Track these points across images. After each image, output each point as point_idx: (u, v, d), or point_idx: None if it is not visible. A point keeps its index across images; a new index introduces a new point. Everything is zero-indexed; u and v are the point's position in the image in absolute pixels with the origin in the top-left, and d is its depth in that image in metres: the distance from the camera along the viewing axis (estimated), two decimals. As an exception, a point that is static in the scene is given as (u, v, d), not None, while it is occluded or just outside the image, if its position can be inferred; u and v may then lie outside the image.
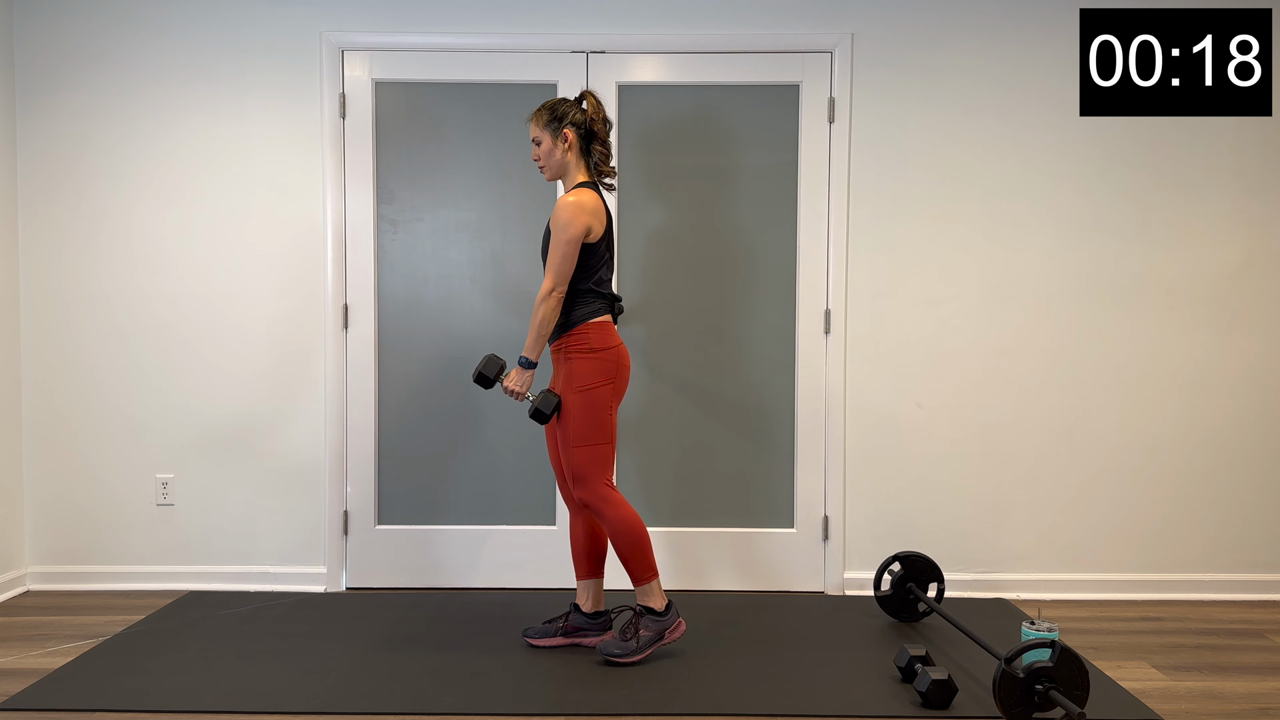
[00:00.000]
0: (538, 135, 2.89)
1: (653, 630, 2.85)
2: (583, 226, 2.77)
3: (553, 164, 2.89)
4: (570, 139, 2.86)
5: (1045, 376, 3.56)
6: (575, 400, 2.81)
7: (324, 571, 3.60)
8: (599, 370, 2.82)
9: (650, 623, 2.85)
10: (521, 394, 2.85)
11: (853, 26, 3.51)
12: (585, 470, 2.82)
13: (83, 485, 3.60)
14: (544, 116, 2.87)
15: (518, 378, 2.85)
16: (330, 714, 2.50)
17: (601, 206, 2.84)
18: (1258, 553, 3.59)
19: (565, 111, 2.87)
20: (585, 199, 2.80)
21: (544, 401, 2.85)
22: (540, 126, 2.88)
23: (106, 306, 3.56)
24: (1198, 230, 3.54)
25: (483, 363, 2.87)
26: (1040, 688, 2.33)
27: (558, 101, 2.90)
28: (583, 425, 2.81)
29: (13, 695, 2.59)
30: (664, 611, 2.86)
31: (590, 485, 2.82)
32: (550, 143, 2.87)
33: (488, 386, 2.89)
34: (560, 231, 2.76)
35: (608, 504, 2.82)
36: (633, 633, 2.84)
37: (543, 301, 2.78)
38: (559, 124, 2.86)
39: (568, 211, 2.76)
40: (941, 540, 3.57)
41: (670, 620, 2.86)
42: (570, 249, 2.76)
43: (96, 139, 3.54)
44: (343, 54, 3.52)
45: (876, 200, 3.54)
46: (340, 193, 3.54)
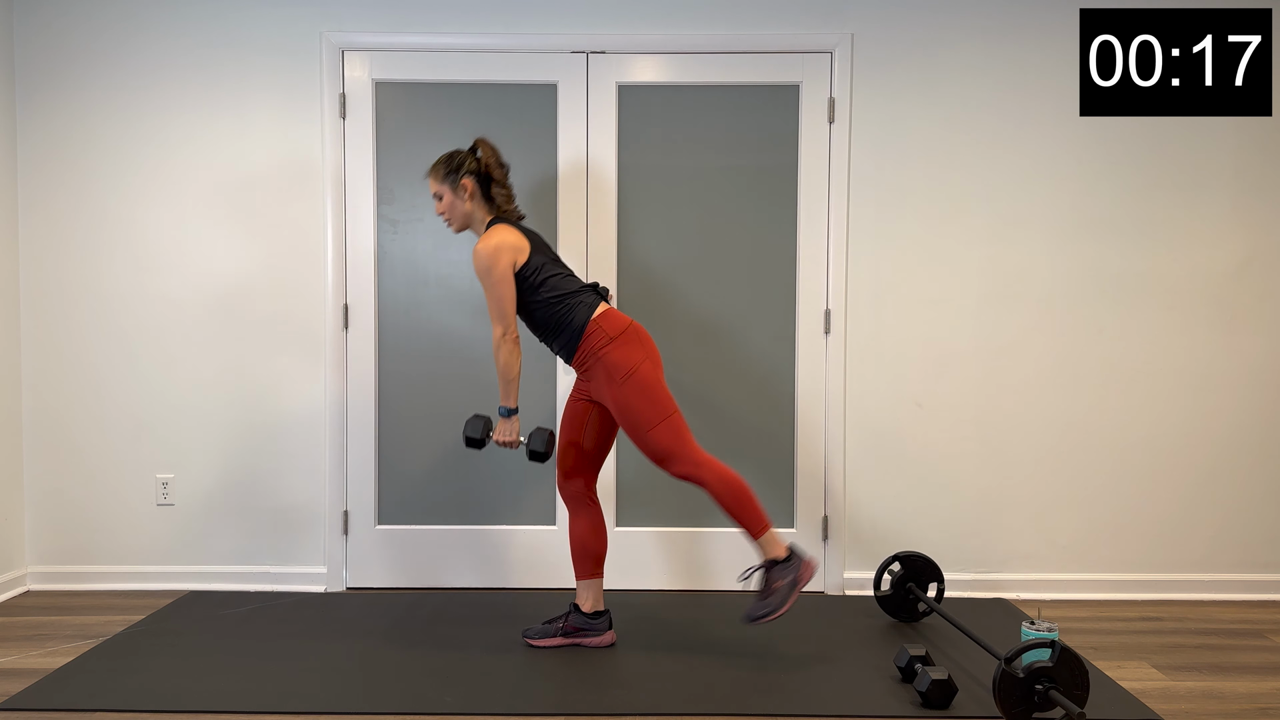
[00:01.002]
0: (438, 190, 2.93)
1: (786, 578, 2.77)
2: (505, 264, 2.79)
3: (457, 215, 2.93)
4: (470, 188, 2.90)
5: (1045, 376, 3.56)
6: (626, 391, 2.79)
7: (324, 571, 3.60)
8: (630, 351, 2.81)
9: (780, 572, 2.78)
10: (514, 442, 2.88)
11: (853, 26, 3.51)
12: (670, 446, 2.78)
13: (83, 485, 3.60)
14: (441, 170, 2.91)
15: (505, 428, 2.88)
16: (330, 714, 2.50)
17: (513, 234, 2.84)
18: (1258, 553, 3.59)
19: (461, 162, 2.90)
20: (494, 236, 2.82)
21: (537, 440, 2.87)
22: (439, 181, 2.92)
23: (107, 306, 3.56)
24: (1198, 230, 3.54)
25: (467, 425, 2.90)
26: (1040, 688, 2.32)
27: (452, 154, 2.93)
28: (645, 408, 2.78)
29: (13, 695, 2.59)
30: (788, 558, 2.79)
31: (680, 457, 2.78)
32: (451, 195, 2.91)
33: (480, 447, 2.91)
34: (485, 277, 2.79)
35: (704, 468, 2.78)
36: (769, 589, 2.77)
37: (498, 349, 2.81)
38: (456, 175, 2.89)
39: (485, 258, 2.78)
40: (941, 540, 3.57)
41: (797, 564, 2.78)
42: (502, 289, 2.78)
43: (97, 139, 3.54)
44: (343, 54, 3.52)
45: (876, 200, 3.54)
46: (340, 193, 3.54)
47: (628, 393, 2.79)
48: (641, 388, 2.79)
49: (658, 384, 2.82)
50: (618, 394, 2.80)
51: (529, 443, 2.89)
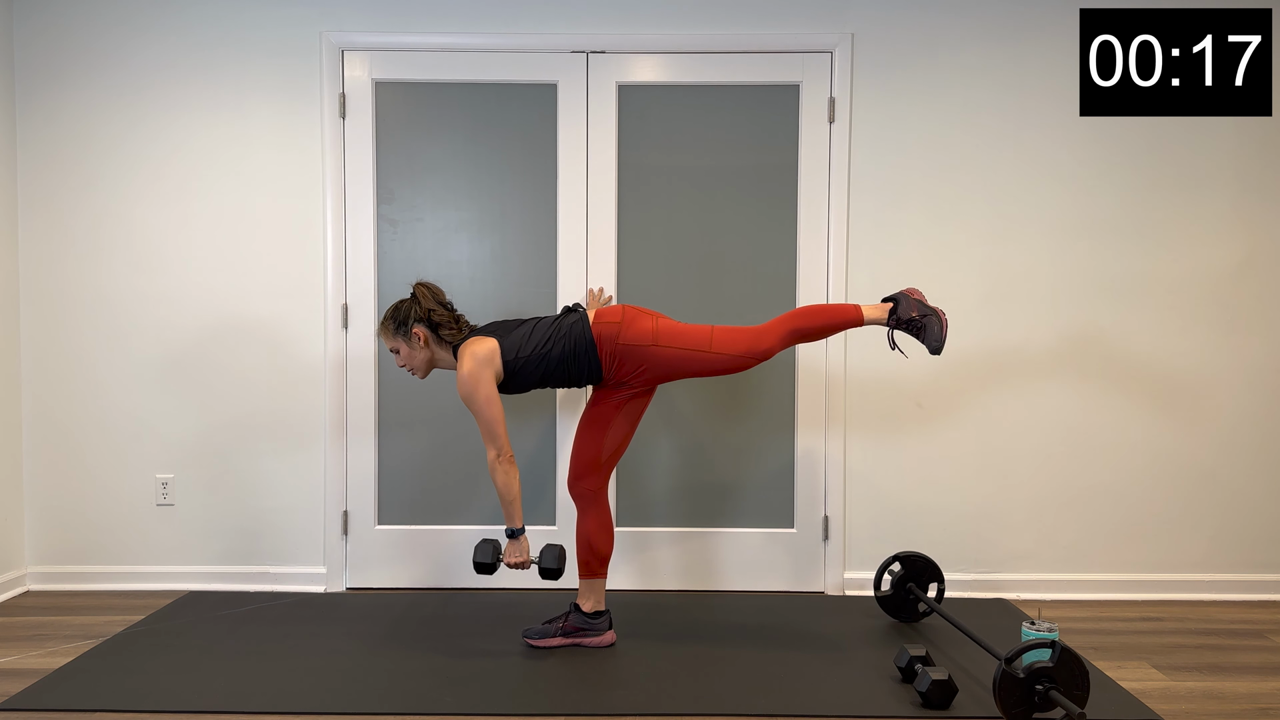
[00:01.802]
0: (393, 345, 2.97)
1: (911, 309, 2.86)
2: (487, 381, 2.82)
3: (418, 363, 2.97)
4: (422, 336, 2.93)
5: (1045, 376, 3.56)
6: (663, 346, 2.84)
7: (324, 571, 3.60)
8: (639, 322, 2.87)
9: (904, 310, 2.87)
10: (526, 563, 2.89)
11: (853, 26, 3.51)
12: (739, 345, 2.84)
13: (83, 485, 3.60)
14: (389, 326, 2.96)
15: (514, 550, 2.89)
16: (330, 714, 2.50)
17: (479, 344, 2.86)
18: (1258, 553, 3.59)
19: (407, 313, 2.94)
20: (467, 360, 2.83)
21: (549, 558, 2.88)
22: (391, 337, 2.97)
23: (107, 306, 3.56)
24: (1198, 230, 3.54)
25: (476, 551, 2.89)
26: (1040, 688, 2.33)
27: (396, 306, 2.97)
28: (690, 342, 2.84)
29: (13, 695, 2.59)
30: (896, 304, 2.88)
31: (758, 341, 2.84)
32: (406, 347, 2.95)
33: (491, 572, 2.91)
34: (472, 401, 2.82)
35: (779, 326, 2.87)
36: (918, 325, 2.86)
37: (494, 470, 2.84)
38: (406, 327, 2.93)
39: (467, 384, 2.81)
40: (941, 540, 3.57)
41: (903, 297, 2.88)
42: (490, 410, 2.81)
43: (97, 139, 3.54)
44: (343, 54, 3.52)
45: (876, 200, 3.54)
46: (340, 193, 3.54)
47: (666, 344, 2.84)
48: (673, 332, 2.86)
49: (682, 323, 2.91)
50: (661, 354, 2.84)
51: (541, 560, 2.89)
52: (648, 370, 2.87)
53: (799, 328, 2.89)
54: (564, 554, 2.91)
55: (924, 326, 2.85)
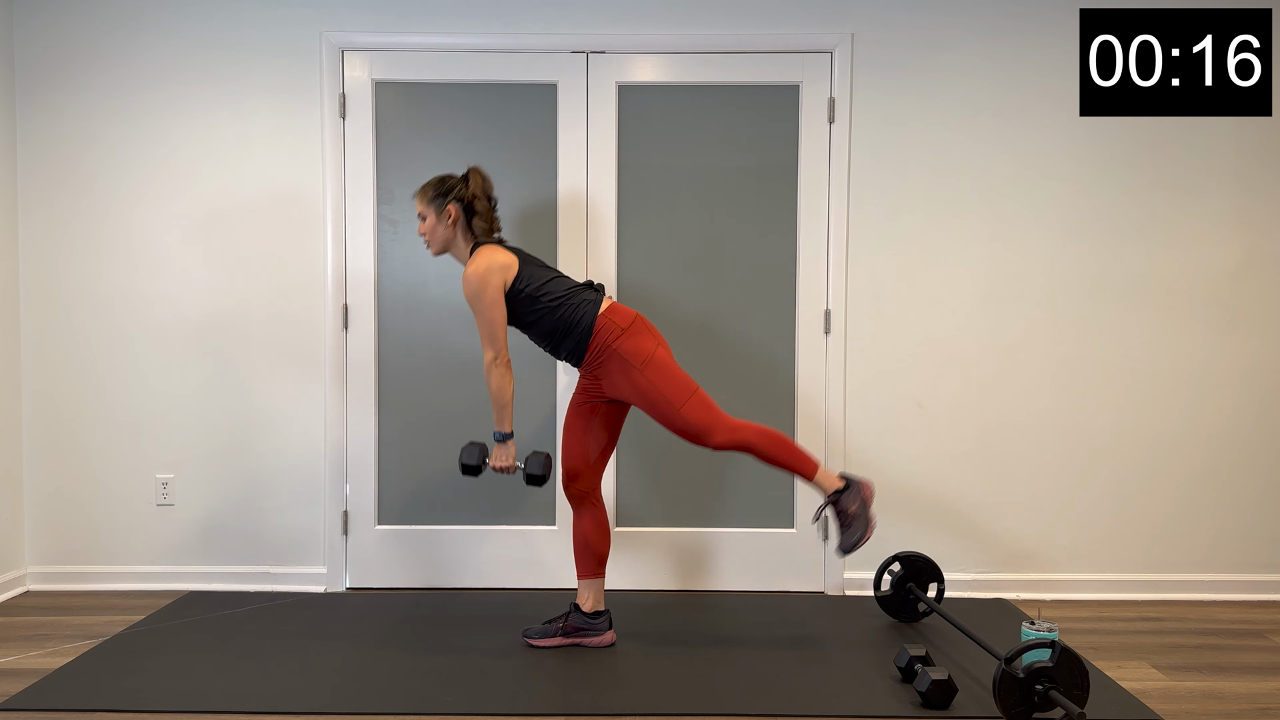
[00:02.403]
0: (423, 210, 2.94)
1: (855, 503, 2.81)
2: (495, 286, 2.80)
3: (437, 239, 2.94)
4: (454, 214, 2.91)
5: (1045, 376, 3.57)
6: (648, 375, 2.81)
7: (324, 571, 3.60)
8: (641, 340, 2.84)
9: (848, 499, 2.82)
10: (511, 467, 2.89)
11: (853, 26, 3.51)
12: (705, 419, 2.81)
13: (83, 485, 3.60)
14: (429, 192, 2.93)
15: (501, 454, 2.89)
16: (330, 714, 2.50)
17: (500, 252, 2.85)
18: (1258, 553, 3.59)
19: (451, 187, 2.92)
20: (481, 259, 2.83)
21: (533, 465, 2.88)
22: (425, 202, 2.93)
23: (107, 306, 3.56)
24: (1198, 230, 3.54)
25: (463, 453, 2.91)
26: (1040, 688, 2.33)
27: (443, 178, 2.94)
28: (671, 388, 2.81)
29: (13, 695, 2.59)
30: (847, 485, 2.84)
31: (718, 427, 2.81)
32: (434, 218, 2.92)
33: (477, 474, 2.91)
34: (476, 302, 2.80)
35: (743, 431, 2.82)
36: (847, 517, 2.81)
37: (489, 373, 2.82)
38: (444, 200, 2.91)
39: (474, 283, 2.80)
40: (941, 540, 3.57)
41: (857, 486, 2.83)
42: (493, 313, 2.80)
43: (97, 139, 3.54)
44: (343, 54, 3.52)
45: (876, 200, 3.54)
46: (340, 193, 3.54)
47: (650, 377, 2.81)
48: (663, 370, 2.82)
49: (674, 365, 2.86)
50: (640, 380, 2.81)
51: (526, 466, 2.90)
52: (619, 384, 2.86)
53: (755, 445, 2.81)
54: (550, 461, 2.90)
55: (850, 523, 2.80)
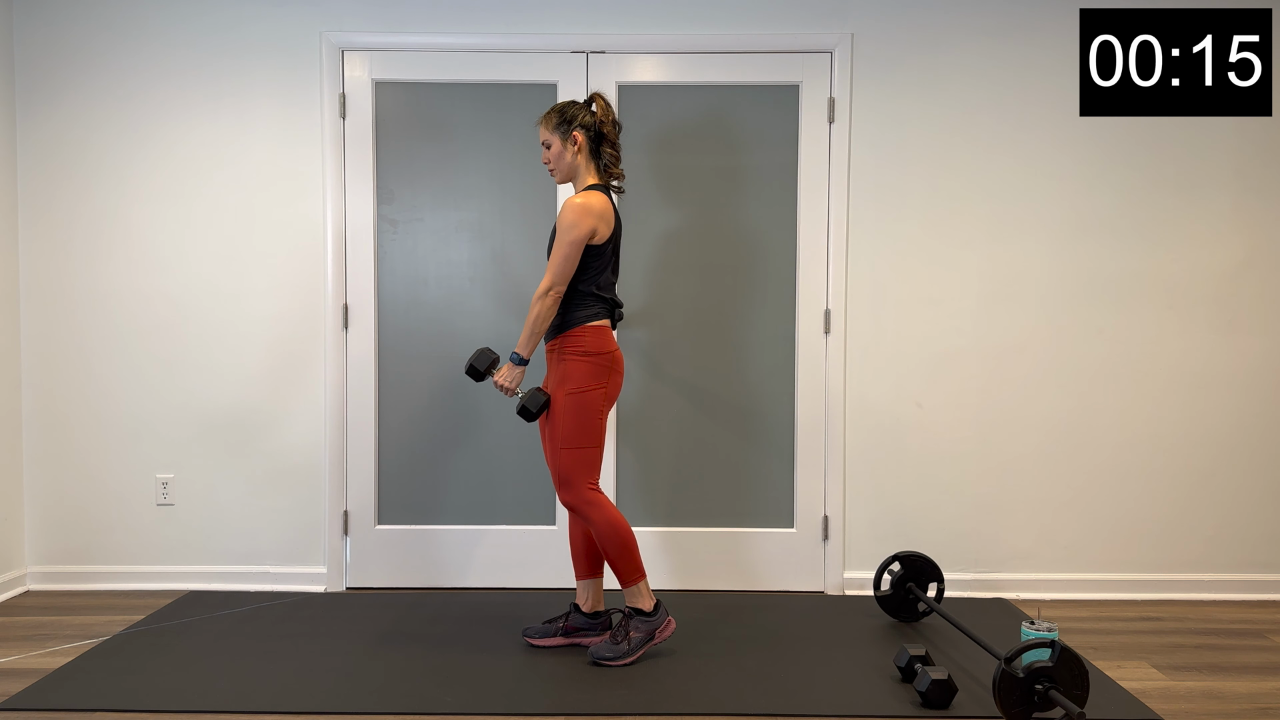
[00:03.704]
0: (547, 138, 2.88)
1: (643, 631, 2.85)
2: (588, 229, 2.77)
3: (563, 167, 2.89)
4: (580, 141, 2.86)
5: (1045, 376, 3.56)
6: (567, 402, 2.81)
7: (324, 571, 3.60)
8: (592, 374, 2.82)
9: (640, 624, 2.85)
10: (511, 390, 2.86)
11: (853, 26, 3.51)
12: (570, 473, 2.82)
13: (83, 485, 3.60)
14: (553, 119, 2.87)
15: (509, 373, 2.85)
16: (330, 714, 2.50)
17: (610, 209, 2.84)
18: (1258, 553, 3.59)
19: (575, 114, 2.86)
20: (593, 201, 2.79)
21: (531, 399, 2.85)
22: (550, 129, 2.87)
23: (107, 306, 3.56)
24: (1198, 230, 3.54)
25: (475, 355, 2.89)
26: (1040, 688, 2.33)
27: (567, 104, 2.89)
28: (572, 428, 2.80)
29: (13, 695, 2.59)
30: (653, 612, 2.86)
31: (575, 488, 2.82)
32: (560, 145, 2.87)
33: (478, 379, 2.90)
34: (565, 232, 2.76)
35: (593, 506, 2.82)
36: (623, 635, 2.84)
37: (540, 299, 2.77)
38: (569, 126, 2.85)
39: (574, 213, 2.75)
40: (941, 540, 3.57)
41: (660, 620, 2.86)
42: (573, 250, 2.76)
43: (97, 139, 3.54)
44: (343, 54, 3.52)
45: (876, 200, 3.54)
46: (340, 193, 3.54)
47: (568, 405, 2.80)
48: (580, 410, 2.81)
49: (597, 415, 2.83)
50: (561, 401, 2.81)
51: (523, 397, 2.86)
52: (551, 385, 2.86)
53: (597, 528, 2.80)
54: (547, 403, 2.85)
55: (620, 641, 2.82)
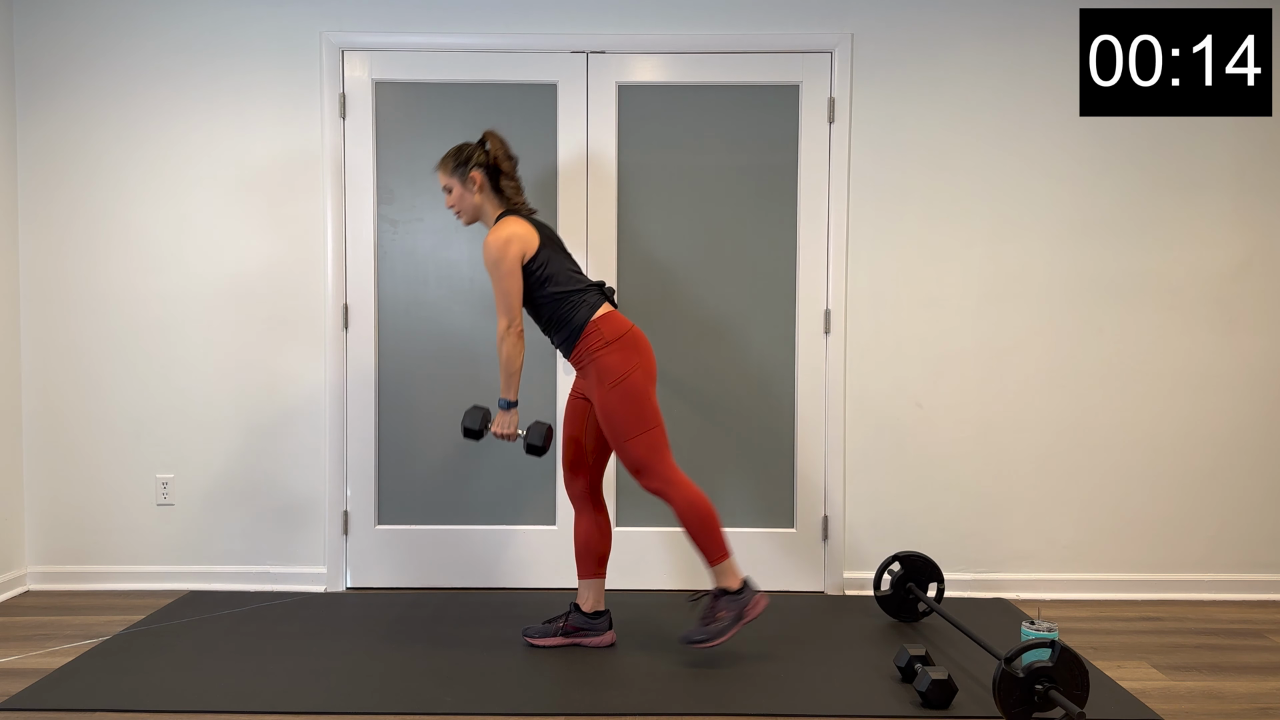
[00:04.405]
0: (447, 183, 2.93)
1: (732, 610, 2.80)
2: (514, 255, 2.79)
3: (466, 208, 2.93)
4: (479, 180, 2.89)
5: (1045, 376, 3.56)
6: (613, 396, 2.79)
7: (324, 571, 3.60)
8: (623, 358, 2.81)
9: (729, 603, 2.81)
10: (511, 435, 2.88)
11: (853, 26, 3.51)
12: (645, 459, 2.80)
13: (83, 485, 3.60)
14: (450, 163, 2.91)
15: (504, 421, 2.88)
16: (330, 714, 2.50)
17: (524, 226, 2.84)
18: (1258, 553, 3.59)
19: (470, 154, 2.90)
20: (504, 228, 2.82)
21: (534, 435, 2.87)
22: (448, 174, 2.92)
23: (106, 306, 3.56)
24: (1198, 230, 3.54)
25: (466, 416, 2.90)
26: (1040, 688, 2.33)
27: (461, 146, 2.93)
28: (629, 417, 2.79)
29: (13, 695, 2.59)
30: (740, 590, 2.82)
31: (654, 472, 2.80)
32: (460, 188, 2.91)
33: (478, 439, 2.91)
34: (494, 269, 2.79)
35: (674, 487, 2.80)
36: (712, 616, 2.81)
37: (502, 341, 2.81)
38: (465, 167, 2.89)
39: (493, 249, 2.78)
40: (941, 540, 3.57)
41: (748, 598, 2.81)
42: (509, 282, 2.78)
43: (96, 139, 3.54)
44: (343, 54, 3.52)
45: (876, 200, 3.54)
46: (340, 193, 3.54)
47: (614, 399, 2.79)
48: (628, 396, 2.79)
49: (645, 396, 2.82)
50: (605, 398, 2.80)
51: (527, 436, 2.89)
52: (591, 391, 2.84)
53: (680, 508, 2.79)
54: (551, 433, 2.89)
55: (710, 623, 2.79)
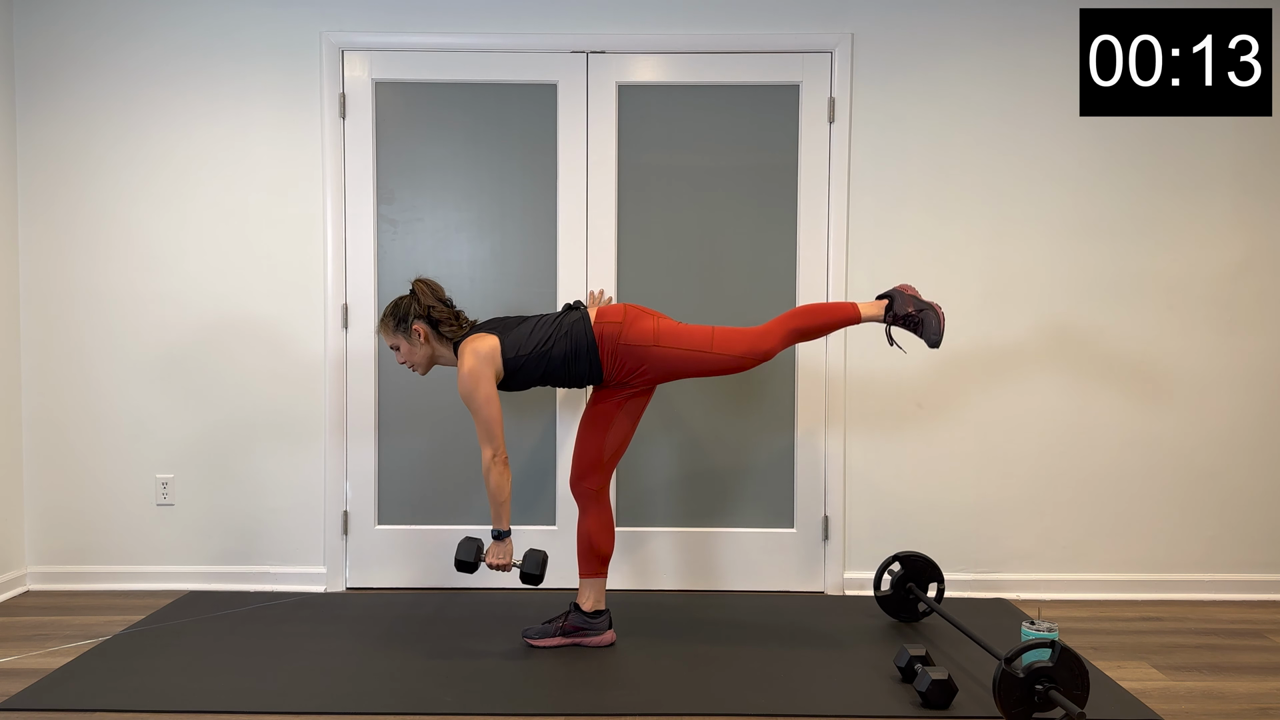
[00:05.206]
0: (393, 342, 2.96)
1: (907, 305, 2.90)
2: (487, 379, 2.81)
3: (419, 359, 2.97)
4: (423, 332, 2.92)
5: (1045, 376, 3.56)
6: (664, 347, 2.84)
7: (324, 571, 3.60)
8: (640, 323, 2.88)
9: (900, 307, 2.90)
10: (507, 565, 2.89)
11: (853, 26, 3.51)
12: (740, 345, 2.85)
13: (83, 485, 3.60)
14: (389, 323, 2.95)
15: (498, 551, 2.88)
16: (330, 714, 2.50)
17: (480, 341, 2.86)
18: (1258, 553, 3.59)
19: (407, 310, 2.93)
20: (467, 356, 2.83)
21: (531, 563, 2.88)
22: (390, 333, 2.96)
23: (106, 307, 3.56)
24: (1198, 230, 3.54)
25: (459, 549, 2.89)
26: (1040, 688, 2.33)
27: (395, 303, 2.96)
28: (691, 342, 2.85)
29: (13, 695, 2.59)
30: (891, 301, 2.91)
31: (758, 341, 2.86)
32: (407, 344, 2.94)
33: (472, 571, 2.90)
34: (471, 400, 2.81)
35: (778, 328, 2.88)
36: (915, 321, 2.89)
37: (489, 471, 2.83)
38: (406, 323, 2.92)
39: (467, 383, 2.81)
40: (941, 540, 3.57)
41: (897, 294, 2.90)
42: (489, 410, 2.81)
43: (96, 140, 3.54)
44: (343, 54, 3.52)
45: (876, 200, 3.54)
46: (340, 193, 3.54)
47: (668, 345, 2.84)
48: (674, 333, 2.86)
49: (683, 325, 2.91)
50: (662, 354, 2.84)
51: (523, 565, 2.90)
52: (648, 370, 2.87)
53: (799, 327, 2.91)
54: (545, 560, 2.91)
55: (921, 321, 2.88)
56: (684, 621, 3.24)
